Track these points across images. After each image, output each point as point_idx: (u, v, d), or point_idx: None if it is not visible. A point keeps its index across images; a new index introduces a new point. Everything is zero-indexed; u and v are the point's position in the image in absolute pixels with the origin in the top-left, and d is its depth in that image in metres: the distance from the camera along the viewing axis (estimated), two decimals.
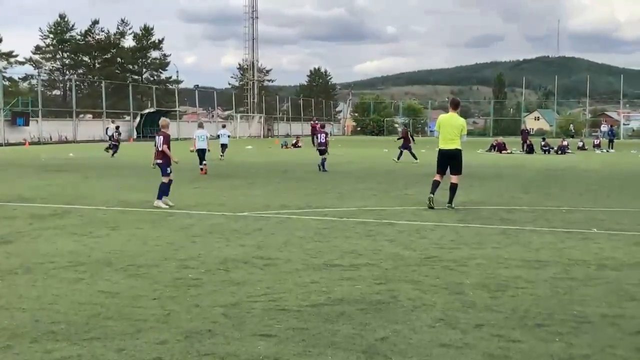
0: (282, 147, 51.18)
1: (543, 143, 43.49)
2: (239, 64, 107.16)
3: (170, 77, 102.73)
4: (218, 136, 33.94)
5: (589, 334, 5.59)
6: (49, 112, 66.33)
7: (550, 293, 6.94)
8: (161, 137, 14.30)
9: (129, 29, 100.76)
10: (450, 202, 13.89)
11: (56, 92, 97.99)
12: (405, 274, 7.80)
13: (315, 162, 25.37)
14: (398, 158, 31.42)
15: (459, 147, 13.90)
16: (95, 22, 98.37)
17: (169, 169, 14.21)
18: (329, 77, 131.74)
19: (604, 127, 69.01)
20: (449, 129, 13.83)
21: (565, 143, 44.37)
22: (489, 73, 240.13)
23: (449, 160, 13.97)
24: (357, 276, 7.64)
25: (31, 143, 52.32)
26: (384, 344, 5.28)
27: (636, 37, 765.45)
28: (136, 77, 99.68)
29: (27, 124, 54.50)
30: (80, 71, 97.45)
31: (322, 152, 25.44)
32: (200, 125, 25.30)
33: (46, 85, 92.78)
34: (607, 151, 46.71)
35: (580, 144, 50.91)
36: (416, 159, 30.68)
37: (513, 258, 8.75)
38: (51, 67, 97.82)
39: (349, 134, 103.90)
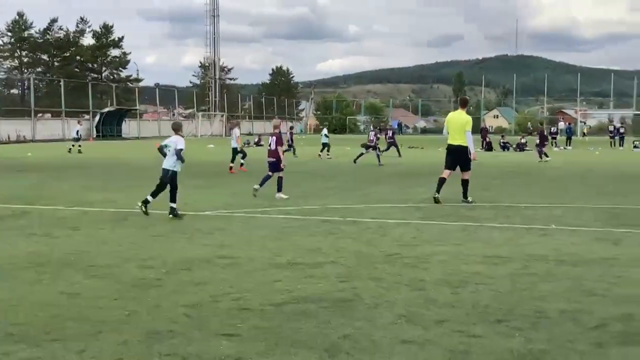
0: (244, 145, 51.02)
1: (502, 141, 43.96)
2: (200, 63, 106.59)
3: (131, 76, 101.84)
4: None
5: (548, 329, 5.67)
6: (7, 111, 65.25)
7: (510, 289, 7.02)
8: (274, 138, 15.50)
9: (89, 27, 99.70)
10: (465, 197, 14.41)
11: (14, 91, 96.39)
12: (367, 271, 7.83)
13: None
14: (540, 156, 32.39)
15: (464, 144, 14.27)
16: (54, 20, 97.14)
17: (282, 165, 15.32)
18: (291, 76, 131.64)
19: (562, 125, 69.94)
20: (455, 125, 14.38)
21: (523, 141, 44.91)
22: (449, 72, 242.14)
23: (456, 157, 14.42)
24: (320, 274, 7.65)
25: None
26: (346, 342, 5.30)
27: (594, 36, 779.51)
28: (96, 75, 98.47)
29: None
30: (39, 70, 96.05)
31: (371, 148, 28.50)
32: (236, 125, 26.08)
33: (4, 84, 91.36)
34: (565, 149, 47.35)
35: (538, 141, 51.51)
36: (547, 156, 32.37)
37: (474, 254, 8.83)
38: (9, 66, 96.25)
39: (311, 133, 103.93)
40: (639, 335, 5.49)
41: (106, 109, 69.62)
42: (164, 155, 12.45)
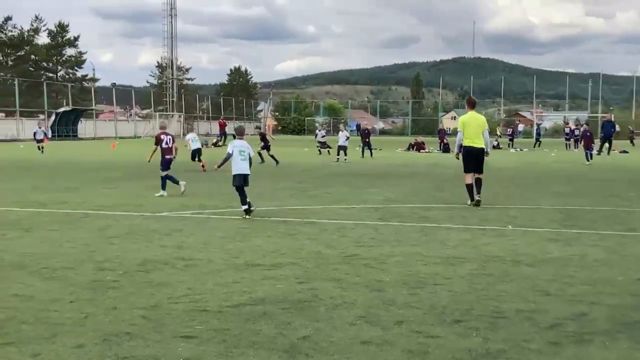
0: (202, 146, 50.68)
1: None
2: (158, 62, 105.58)
3: (87, 75, 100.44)
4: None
5: (505, 328, 5.73)
6: None
7: (468, 289, 7.09)
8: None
9: (44, 25, 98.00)
10: (479, 193, 14.29)
11: None
12: (326, 272, 7.84)
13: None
14: (587, 158, 31.46)
15: (483, 146, 14.39)
16: (8, 19, 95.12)
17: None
18: (250, 76, 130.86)
19: (520, 127, 70.86)
20: (474, 126, 14.42)
21: None
22: (407, 73, 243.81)
23: (478, 159, 14.40)
24: (279, 275, 7.64)
25: None
26: (305, 343, 5.29)
27: (548, 39, 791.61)
28: (51, 74, 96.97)
29: None
30: None
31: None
32: (191, 130, 27.40)
33: None
34: (521, 150, 47.91)
35: (495, 143, 52.11)
36: (592, 158, 31.54)
37: (431, 255, 8.90)
38: None
39: (270, 133, 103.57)
40: (592, 334, 5.59)
41: (62, 109, 68.53)
42: (225, 161, 12.58)
